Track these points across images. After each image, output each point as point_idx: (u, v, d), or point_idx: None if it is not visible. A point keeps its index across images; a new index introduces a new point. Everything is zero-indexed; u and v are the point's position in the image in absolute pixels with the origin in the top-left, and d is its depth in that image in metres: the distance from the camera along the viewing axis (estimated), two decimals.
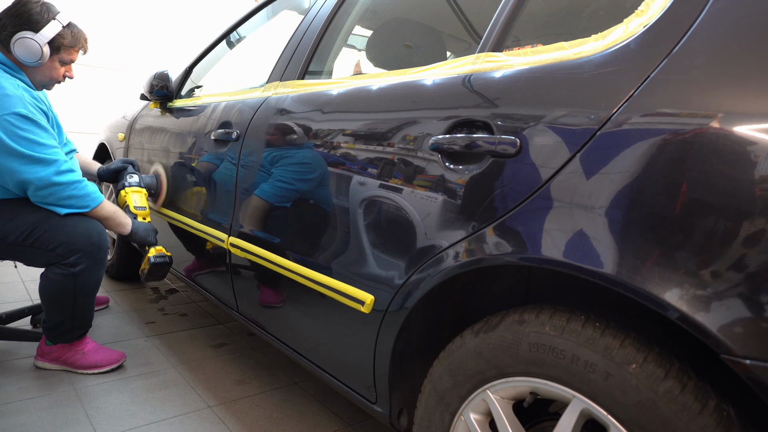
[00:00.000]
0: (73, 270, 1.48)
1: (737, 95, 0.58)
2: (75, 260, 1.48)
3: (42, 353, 1.64)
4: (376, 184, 1.02)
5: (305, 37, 1.48)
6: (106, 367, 1.67)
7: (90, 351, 1.66)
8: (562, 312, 0.75)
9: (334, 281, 1.10)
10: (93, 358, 1.66)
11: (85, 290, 1.54)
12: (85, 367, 1.64)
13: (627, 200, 0.65)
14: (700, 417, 0.60)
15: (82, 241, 1.48)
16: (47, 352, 1.63)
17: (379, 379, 1.04)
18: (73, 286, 1.50)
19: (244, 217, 1.43)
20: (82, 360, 1.64)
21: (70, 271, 1.48)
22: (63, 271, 1.48)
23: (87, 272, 1.51)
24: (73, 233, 1.48)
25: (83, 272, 1.50)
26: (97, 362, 1.66)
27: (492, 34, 0.94)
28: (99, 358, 1.67)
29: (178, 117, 1.95)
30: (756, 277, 0.54)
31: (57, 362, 1.63)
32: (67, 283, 1.49)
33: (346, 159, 1.10)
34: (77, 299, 1.53)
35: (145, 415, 1.44)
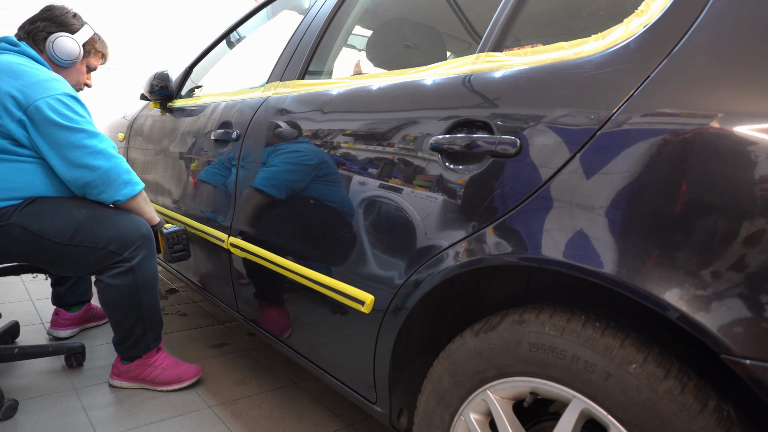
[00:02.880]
0: (131, 264, 1.42)
1: (737, 95, 0.58)
2: (130, 253, 1.42)
3: (119, 372, 1.56)
4: (376, 184, 1.02)
5: (305, 37, 1.48)
6: (187, 382, 1.60)
7: (169, 365, 1.59)
8: (562, 312, 0.75)
9: (334, 281, 1.10)
10: (173, 372, 1.58)
11: (147, 284, 1.47)
12: (166, 382, 1.57)
13: (627, 200, 0.65)
14: (700, 417, 0.60)
15: (133, 233, 1.43)
16: (125, 371, 1.55)
17: (379, 379, 1.04)
18: (134, 283, 1.43)
19: (244, 217, 1.43)
20: (162, 375, 1.57)
21: (127, 266, 1.41)
22: (120, 268, 1.41)
23: (145, 264, 1.45)
24: (122, 227, 1.42)
25: (141, 264, 1.44)
26: (179, 376, 1.59)
27: (492, 34, 0.94)
28: (179, 372, 1.59)
29: (178, 117, 1.95)
30: (756, 277, 0.54)
31: (136, 380, 1.56)
32: (128, 280, 1.42)
33: (346, 159, 1.10)
34: (142, 296, 1.46)
35: (144, 415, 1.44)
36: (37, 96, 1.32)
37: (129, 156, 2.34)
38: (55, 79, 1.40)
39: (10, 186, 1.33)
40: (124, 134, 2.42)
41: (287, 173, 1.28)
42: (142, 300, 1.46)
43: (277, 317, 1.37)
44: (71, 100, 1.40)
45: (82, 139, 1.37)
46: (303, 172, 1.23)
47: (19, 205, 1.34)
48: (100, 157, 1.39)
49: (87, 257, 1.39)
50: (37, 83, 1.34)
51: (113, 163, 1.41)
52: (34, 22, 1.50)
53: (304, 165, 1.23)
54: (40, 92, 1.33)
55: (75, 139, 1.36)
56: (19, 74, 1.34)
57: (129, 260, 1.41)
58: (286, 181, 1.27)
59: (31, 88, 1.33)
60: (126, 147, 2.38)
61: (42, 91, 1.34)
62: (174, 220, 1.84)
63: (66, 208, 1.38)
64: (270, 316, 1.40)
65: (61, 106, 1.35)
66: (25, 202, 1.35)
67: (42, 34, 1.49)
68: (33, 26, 1.50)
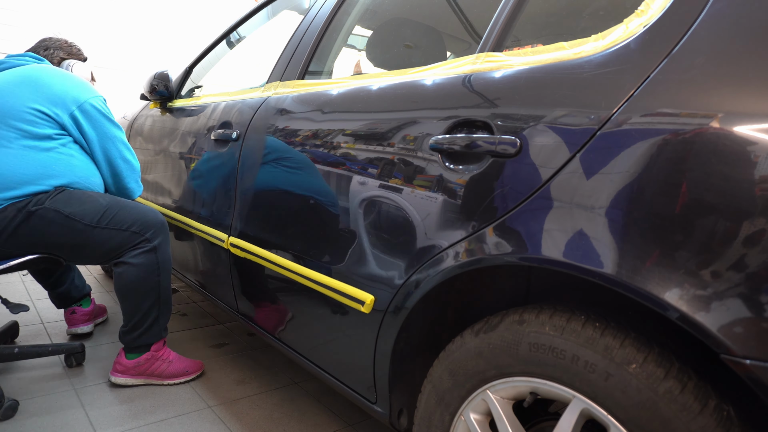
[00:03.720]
0: (153, 243, 1.54)
1: (737, 95, 0.58)
2: (151, 235, 1.54)
3: (123, 369, 1.59)
4: (376, 184, 1.02)
5: (305, 37, 1.48)
6: (192, 375, 1.67)
7: (175, 359, 1.65)
8: (562, 312, 0.75)
9: (334, 281, 1.10)
10: (179, 365, 1.64)
11: (166, 266, 1.58)
12: (173, 376, 1.63)
13: (627, 200, 0.65)
14: (700, 417, 0.60)
15: (152, 217, 1.56)
16: (131, 367, 1.59)
17: (379, 379, 1.04)
18: (156, 262, 1.54)
19: (244, 217, 1.43)
20: (169, 369, 1.62)
21: (149, 246, 1.53)
22: (143, 248, 1.52)
23: (164, 246, 1.57)
24: (143, 212, 1.56)
25: (161, 245, 1.56)
26: (185, 369, 1.65)
27: (492, 34, 0.94)
28: (185, 365, 1.66)
29: (178, 117, 1.95)
30: (756, 277, 0.54)
31: (142, 376, 1.60)
32: (150, 260, 1.53)
33: (346, 159, 1.10)
34: (162, 276, 1.56)
35: (144, 415, 1.44)
36: (88, 96, 1.56)
37: None
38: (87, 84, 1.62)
39: (50, 173, 1.48)
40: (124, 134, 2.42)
41: (287, 173, 1.28)
42: (161, 280, 1.56)
43: (277, 317, 1.37)
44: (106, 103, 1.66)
45: (122, 136, 1.65)
46: (303, 172, 1.23)
47: (51, 192, 1.48)
48: (130, 153, 1.68)
49: (113, 239, 1.50)
50: (81, 85, 1.58)
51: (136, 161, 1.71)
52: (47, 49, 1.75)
53: (303, 165, 1.23)
54: (88, 93, 1.57)
55: (119, 135, 1.63)
56: (65, 77, 1.57)
57: (150, 240, 1.54)
58: (286, 181, 1.27)
59: (79, 89, 1.56)
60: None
61: (89, 92, 1.58)
62: (174, 219, 1.85)
63: (92, 197, 1.53)
64: (270, 315, 1.40)
65: (104, 106, 1.62)
66: (57, 191, 1.49)
67: (57, 58, 1.75)
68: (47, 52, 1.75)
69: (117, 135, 1.63)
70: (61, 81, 1.54)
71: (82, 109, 1.54)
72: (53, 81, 1.53)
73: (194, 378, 1.66)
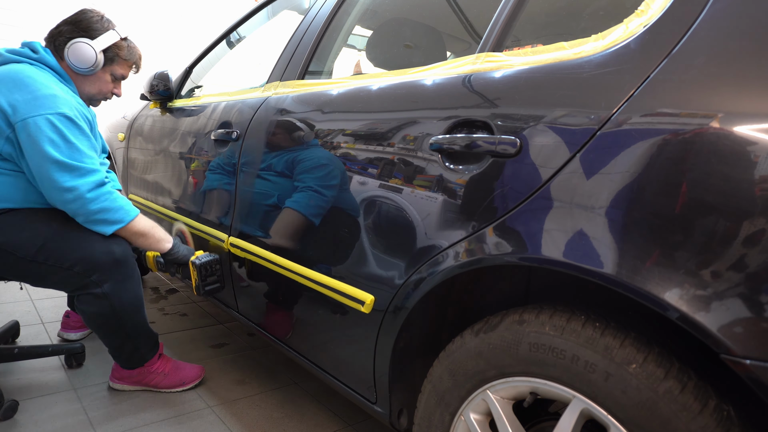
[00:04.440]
0: (101, 290, 1.33)
1: (737, 95, 0.59)
2: (98, 279, 1.32)
3: (120, 376, 1.53)
4: (376, 184, 1.02)
5: (305, 37, 1.48)
6: (190, 384, 1.60)
7: (171, 371, 1.56)
8: (562, 312, 0.75)
9: (334, 281, 1.10)
10: (175, 377, 1.57)
11: (127, 309, 1.38)
12: (169, 387, 1.56)
13: (627, 200, 0.65)
14: (700, 417, 0.60)
15: (102, 257, 1.31)
16: (126, 376, 1.53)
17: (379, 379, 1.04)
18: (110, 308, 1.35)
19: (244, 217, 1.43)
20: (164, 381, 1.56)
21: (98, 291, 1.33)
22: (92, 292, 1.33)
23: (120, 289, 1.35)
24: (91, 249, 1.31)
25: (114, 291, 1.34)
26: (182, 380, 1.58)
27: (492, 34, 0.94)
28: (181, 376, 1.58)
29: (179, 117, 1.95)
30: (756, 277, 0.54)
31: (139, 384, 1.54)
32: (103, 305, 1.34)
33: (346, 159, 1.10)
34: (124, 320, 1.38)
35: (144, 415, 1.44)
36: (28, 113, 1.25)
37: (129, 156, 2.34)
38: (53, 96, 1.30)
39: None
40: (124, 134, 2.42)
41: (287, 173, 1.28)
42: (124, 323, 1.39)
43: (276, 317, 1.37)
44: (66, 121, 1.29)
45: (51, 171, 1.25)
46: (302, 172, 1.23)
47: None
48: (66, 194, 1.27)
49: (52, 276, 1.31)
50: (32, 99, 1.26)
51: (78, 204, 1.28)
52: (59, 27, 1.44)
53: (303, 165, 1.23)
54: (32, 110, 1.25)
55: (47, 168, 1.25)
56: (19, 87, 1.27)
57: (98, 285, 1.32)
58: (286, 181, 1.27)
59: (25, 104, 1.25)
60: (126, 147, 2.38)
61: (36, 108, 1.25)
62: (174, 220, 1.84)
63: (35, 222, 1.30)
64: (270, 316, 1.40)
65: (48, 128, 1.25)
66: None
67: (62, 39, 1.42)
68: (56, 30, 1.44)
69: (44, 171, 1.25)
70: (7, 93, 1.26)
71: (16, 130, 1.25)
72: None
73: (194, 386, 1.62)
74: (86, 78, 1.47)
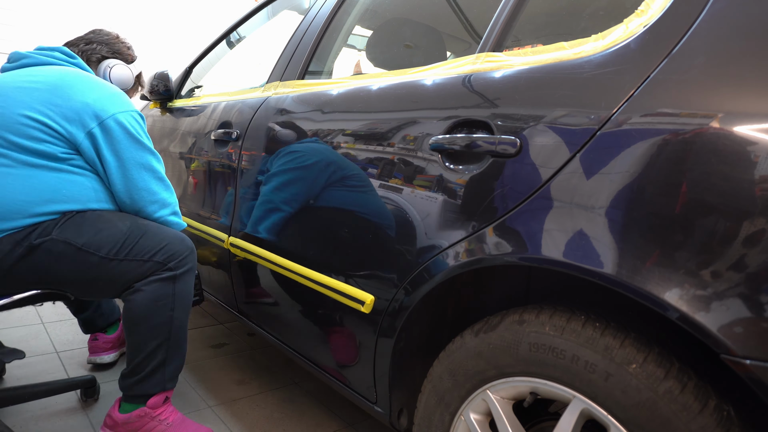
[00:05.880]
0: (175, 272, 1.27)
1: (737, 95, 0.59)
2: (176, 264, 1.28)
3: (113, 424, 1.28)
4: (376, 184, 1.02)
5: (305, 37, 1.48)
6: None
7: (175, 422, 1.31)
8: (562, 312, 0.75)
9: (334, 281, 1.10)
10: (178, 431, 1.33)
11: (184, 301, 1.30)
12: None
13: (627, 200, 0.65)
14: (700, 417, 0.60)
15: (179, 244, 1.29)
16: (121, 423, 1.27)
17: (379, 379, 1.04)
18: (172, 293, 1.27)
19: (244, 217, 1.43)
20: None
21: (170, 274, 1.26)
22: (162, 275, 1.25)
23: (187, 277, 1.30)
24: (169, 237, 1.29)
25: (184, 276, 1.29)
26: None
27: (492, 34, 0.94)
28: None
29: (179, 117, 1.95)
30: (756, 277, 0.54)
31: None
32: (165, 289, 1.26)
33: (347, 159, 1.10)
34: (175, 312, 1.28)
35: None
36: (115, 109, 1.26)
37: None
38: (122, 94, 1.34)
39: (57, 197, 1.21)
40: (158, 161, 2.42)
41: (287, 173, 1.28)
42: (174, 316, 1.28)
43: (277, 317, 1.37)
44: (142, 119, 1.35)
45: (151, 161, 1.32)
46: (302, 173, 1.23)
47: (59, 219, 1.21)
48: (162, 185, 1.34)
49: (133, 271, 1.24)
50: (112, 96, 1.29)
51: (170, 193, 1.37)
52: (90, 43, 1.48)
53: (303, 165, 1.23)
54: (117, 106, 1.27)
55: (146, 159, 1.31)
56: (93, 86, 1.28)
57: (174, 269, 1.27)
58: (286, 181, 1.27)
59: (107, 101, 1.26)
60: None
61: (119, 105, 1.28)
62: None
63: (109, 221, 1.26)
64: (270, 316, 1.40)
65: (135, 123, 1.30)
66: (66, 216, 1.22)
67: (96, 56, 1.47)
68: (89, 46, 1.47)
69: (144, 162, 1.30)
70: (84, 90, 1.25)
71: (104, 127, 1.24)
72: (74, 90, 1.24)
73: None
74: None
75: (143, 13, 5.15)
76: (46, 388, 1.42)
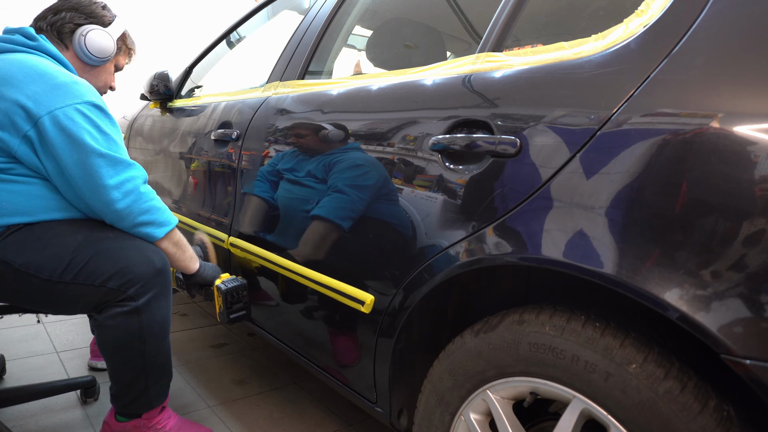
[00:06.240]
0: (136, 303, 1.10)
1: (737, 95, 0.59)
2: (136, 291, 1.10)
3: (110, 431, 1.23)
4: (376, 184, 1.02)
5: (305, 37, 1.48)
6: None
7: (173, 428, 1.26)
8: (562, 312, 0.75)
9: (334, 281, 1.10)
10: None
11: (155, 330, 1.15)
12: None
13: (627, 200, 0.65)
14: (700, 417, 0.60)
15: (140, 267, 1.10)
16: (117, 431, 1.22)
17: (379, 379, 1.04)
18: (138, 327, 1.11)
19: (244, 217, 1.43)
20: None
21: (131, 305, 1.09)
22: (122, 308, 1.09)
23: (154, 305, 1.13)
24: (127, 258, 1.10)
25: (149, 305, 1.12)
26: None
27: (492, 34, 0.94)
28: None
29: (178, 117, 1.95)
30: (756, 277, 0.54)
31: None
32: (131, 323, 1.10)
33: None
34: (147, 344, 1.13)
35: None
36: (54, 105, 1.05)
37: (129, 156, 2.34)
38: (76, 83, 1.11)
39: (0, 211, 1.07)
40: (124, 134, 2.42)
41: (287, 173, 1.28)
42: (146, 349, 1.14)
43: (277, 317, 1.37)
44: (96, 111, 1.11)
45: (98, 166, 1.07)
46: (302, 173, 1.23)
47: (2, 233, 1.07)
48: (115, 192, 1.09)
49: (86, 297, 1.09)
50: (54, 87, 1.07)
51: (129, 201, 1.11)
52: (58, 12, 1.24)
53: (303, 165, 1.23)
54: (57, 100, 1.06)
55: (91, 164, 1.07)
56: (32, 78, 1.07)
57: (134, 298, 1.10)
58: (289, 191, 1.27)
59: (46, 95, 1.06)
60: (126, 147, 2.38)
61: (60, 98, 1.06)
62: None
63: (58, 236, 1.09)
64: (270, 315, 1.40)
65: (81, 118, 1.07)
66: (9, 230, 1.07)
67: (69, 26, 1.23)
68: (57, 17, 1.24)
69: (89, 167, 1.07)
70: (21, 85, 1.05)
71: (39, 127, 1.04)
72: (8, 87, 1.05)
73: None
74: (93, 69, 1.30)
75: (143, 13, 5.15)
76: (46, 388, 1.43)
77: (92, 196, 1.09)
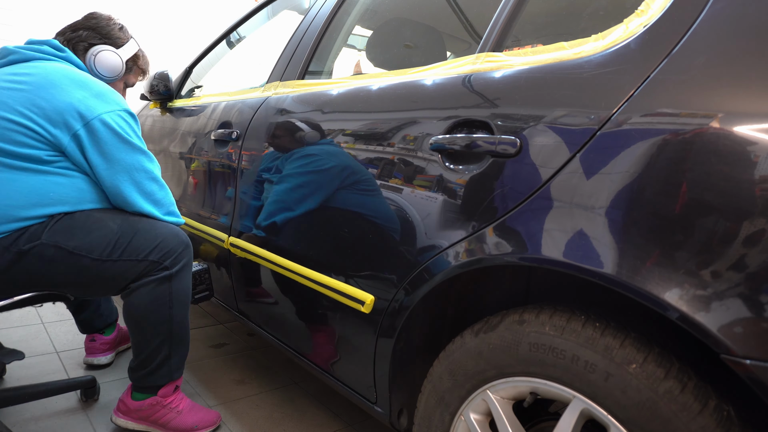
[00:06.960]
0: (171, 271, 1.26)
1: (737, 95, 0.59)
2: (171, 262, 1.27)
3: (126, 410, 1.34)
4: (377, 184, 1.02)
5: (305, 37, 1.48)
6: (204, 431, 1.40)
7: (185, 409, 1.38)
8: (562, 312, 0.75)
9: (334, 281, 1.10)
10: (189, 419, 1.38)
11: (181, 297, 1.30)
12: (179, 429, 1.37)
13: (627, 200, 0.65)
14: (700, 417, 0.60)
15: (173, 240, 1.28)
16: (134, 409, 1.33)
17: (379, 379, 1.04)
18: (168, 292, 1.27)
19: (244, 217, 1.43)
20: (176, 421, 1.36)
21: (166, 273, 1.26)
22: (158, 275, 1.25)
23: (183, 273, 1.30)
24: (162, 234, 1.27)
25: (180, 273, 1.29)
26: (194, 424, 1.38)
27: (492, 34, 0.94)
28: (196, 419, 1.39)
29: (178, 117, 1.95)
30: (756, 277, 0.54)
31: (144, 422, 1.35)
32: (163, 289, 1.26)
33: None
34: (174, 310, 1.28)
35: None
36: (102, 109, 1.21)
37: None
38: (112, 92, 1.28)
39: (44, 201, 1.18)
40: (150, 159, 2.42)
41: (287, 173, 1.28)
42: (173, 314, 1.29)
43: (276, 317, 1.37)
44: (130, 117, 1.29)
45: (142, 162, 1.28)
46: (302, 173, 1.23)
47: (47, 222, 1.18)
48: (154, 185, 1.31)
49: (128, 271, 1.24)
50: (97, 95, 1.23)
51: (165, 192, 1.35)
52: (76, 30, 1.38)
53: (303, 165, 1.23)
54: (103, 105, 1.22)
55: (136, 161, 1.27)
56: (78, 84, 1.22)
57: (169, 268, 1.26)
58: (286, 181, 1.27)
59: (92, 101, 1.21)
60: None
61: (105, 104, 1.23)
62: None
63: (99, 221, 1.23)
64: (270, 315, 1.40)
65: (123, 123, 1.25)
66: (54, 219, 1.19)
67: (83, 44, 1.37)
68: (75, 34, 1.37)
69: (134, 163, 1.26)
70: (69, 89, 1.20)
71: (89, 129, 1.19)
72: (58, 89, 1.19)
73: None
74: None
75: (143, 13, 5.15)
76: (46, 388, 1.43)
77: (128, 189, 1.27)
